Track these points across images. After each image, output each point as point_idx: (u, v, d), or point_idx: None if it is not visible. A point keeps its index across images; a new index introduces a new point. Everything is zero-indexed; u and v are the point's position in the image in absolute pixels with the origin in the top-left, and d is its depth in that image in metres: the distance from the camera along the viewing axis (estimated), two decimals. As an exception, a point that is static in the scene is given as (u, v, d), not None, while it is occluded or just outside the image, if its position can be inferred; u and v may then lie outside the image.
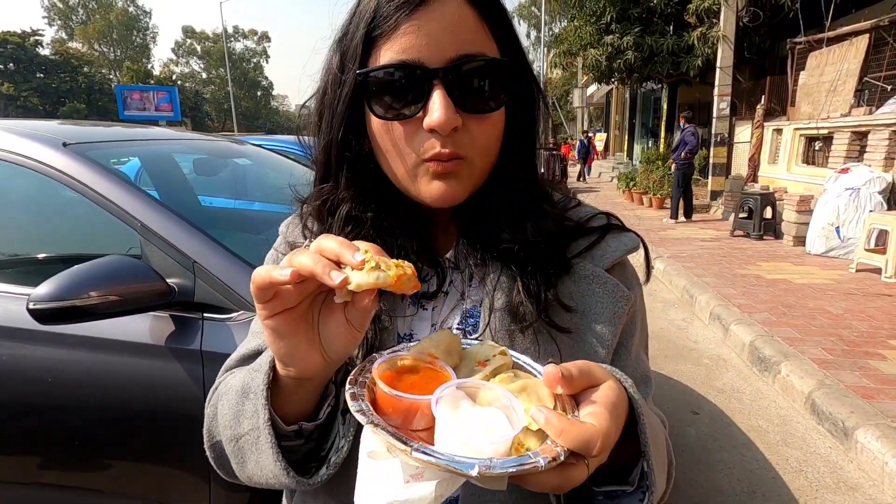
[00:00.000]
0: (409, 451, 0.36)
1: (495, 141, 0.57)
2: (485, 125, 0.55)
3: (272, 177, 2.69)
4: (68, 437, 1.41)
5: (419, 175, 0.55)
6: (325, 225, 0.63)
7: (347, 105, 0.56)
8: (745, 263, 5.86)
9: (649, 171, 11.68)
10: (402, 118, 0.53)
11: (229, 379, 0.62)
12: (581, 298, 0.60)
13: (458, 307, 0.61)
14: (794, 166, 7.95)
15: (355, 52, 0.53)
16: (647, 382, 0.65)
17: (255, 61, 60.03)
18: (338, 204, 0.62)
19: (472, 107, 0.53)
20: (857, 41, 6.94)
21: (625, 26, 10.68)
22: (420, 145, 0.53)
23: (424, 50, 0.51)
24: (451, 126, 0.51)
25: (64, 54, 42.18)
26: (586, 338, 0.59)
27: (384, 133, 0.55)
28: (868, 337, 3.62)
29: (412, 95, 0.52)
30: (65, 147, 1.55)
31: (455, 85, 0.51)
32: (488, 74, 0.53)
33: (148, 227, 1.41)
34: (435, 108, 0.51)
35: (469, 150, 0.54)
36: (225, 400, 0.59)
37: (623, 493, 0.49)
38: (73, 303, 1.20)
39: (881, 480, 2.36)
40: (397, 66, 0.51)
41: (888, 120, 6.00)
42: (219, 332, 1.35)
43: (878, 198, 5.63)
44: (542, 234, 0.60)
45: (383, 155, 0.57)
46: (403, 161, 0.55)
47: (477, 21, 0.53)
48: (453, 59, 0.51)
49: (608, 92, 22.49)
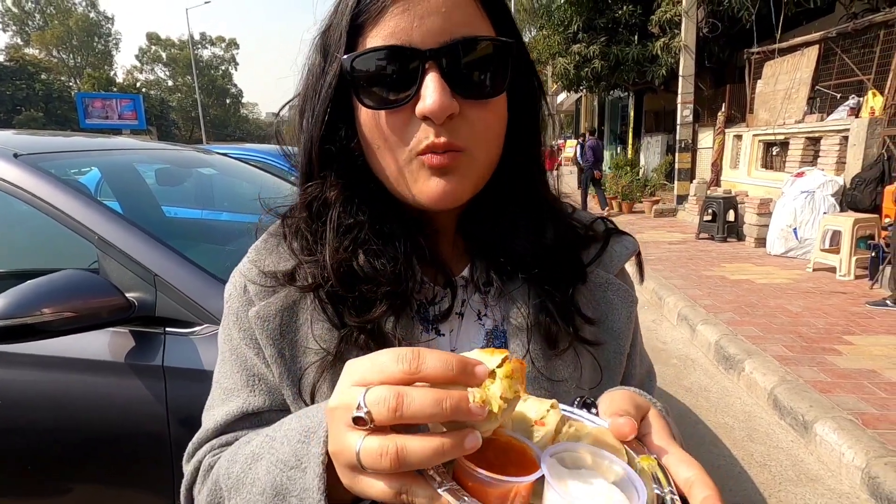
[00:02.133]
0: None
1: (498, 132, 0.52)
2: (485, 113, 0.49)
3: (239, 186, 2.64)
4: (20, 462, 1.35)
5: (413, 172, 0.50)
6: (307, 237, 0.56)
7: (331, 96, 0.51)
8: (711, 265, 6.06)
9: (618, 177, 11.97)
10: (393, 106, 0.48)
11: (232, 468, 0.49)
12: (598, 307, 0.59)
13: (478, 329, 0.57)
14: (753, 171, 8.27)
15: (339, 41, 0.49)
16: (652, 376, 0.67)
17: (223, 68, 58.97)
18: (325, 206, 0.55)
19: (470, 91, 0.48)
20: (808, 52, 7.30)
21: (591, 36, 10.98)
22: (412, 137, 0.48)
23: (415, 32, 0.46)
24: (447, 112, 0.46)
25: (20, 61, 40.55)
26: (609, 346, 0.58)
27: (373, 125, 0.49)
28: (825, 333, 3.79)
29: (403, 81, 0.47)
30: (16, 158, 1.49)
31: (450, 68, 0.47)
32: (486, 56, 0.49)
33: (105, 239, 1.37)
34: (428, 93, 0.46)
35: (468, 142, 0.49)
36: (239, 499, 0.46)
37: None
38: (25, 320, 1.15)
39: (839, 471, 2.46)
40: (385, 49, 0.47)
41: (838, 126, 6.32)
42: (182, 347, 1.31)
43: (832, 200, 5.91)
44: (562, 240, 0.58)
45: (373, 152, 0.51)
46: (395, 157, 0.50)
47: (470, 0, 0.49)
48: (446, 40, 0.47)
49: (577, 100, 22.99)
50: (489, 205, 0.56)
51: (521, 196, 0.57)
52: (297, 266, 0.55)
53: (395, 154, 0.50)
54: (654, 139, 13.28)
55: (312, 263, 0.54)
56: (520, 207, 0.57)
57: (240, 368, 0.57)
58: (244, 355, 0.57)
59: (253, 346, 0.55)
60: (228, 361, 0.58)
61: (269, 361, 0.54)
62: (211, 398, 0.60)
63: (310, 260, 0.54)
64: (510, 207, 0.57)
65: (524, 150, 0.56)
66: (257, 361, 0.56)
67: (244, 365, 0.57)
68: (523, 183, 0.57)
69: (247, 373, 0.56)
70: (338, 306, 0.53)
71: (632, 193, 11.02)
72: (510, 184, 0.56)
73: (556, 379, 0.55)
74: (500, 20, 0.51)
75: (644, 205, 10.63)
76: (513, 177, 0.56)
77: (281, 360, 0.54)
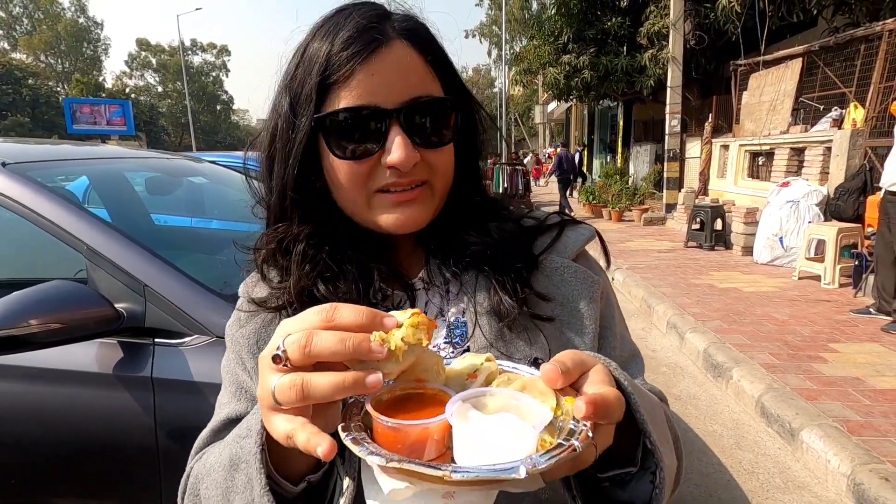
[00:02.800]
0: (446, 474, 0.34)
1: (451, 168, 0.62)
2: (440, 155, 0.59)
3: (230, 195, 2.63)
4: (4, 476, 1.32)
5: (378, 206, 0.58)
6: (281, 269, 0.63)
7: (303, 148, 0.57)
8: (699, 273, 6.13)
9: (608, 186, 12.09)
10: (362, 157, 0.56)
11: (207, 458, 0.57)
12: (556, 289, 0.63)
13: (441, 323, 0.62)
14: (740, 180, 8.41)
15: (309, 98, 0.55)
16: (637, 358, 0.69)
17: (214, 75, 58.71)
18: (293, 243, 0.61)
19: (428, 142, 0.57)
20: (792, 64, 7.46)
21: (581, 46, 11.13)
22: (377, 180, 0.57)
23: (380, 94, 0.54)
24: (412, 162, 0.55)
25: (6, 65, 40.08)
26: (570, 325, 0.62)
27: (343, 172, 0.57)
28: (810, 341, 3.84)
29: (371, 136, 0.55)
30: (4, 167, 1.48)
31: (410, 124, 0.55)
32: (438, 111, 0.58)
33: (94, 249, 1.36)
34: (395, 147, 0.54)
35: (430, 176, 0.58)
36: (209, 480, 0.53)
37: (629, 476, 0.48)
38: (11, 332, 1.13)
39: (825, 478, 2.49)
40: (357, 109, 0.54)
41: (822, 137, 6.46)
42: (171, 358, 1.30)
43: (816, 209, 6.02)
44: (507, 234, 0.64)
45: (341, 191, 0.59)
46: (362, 195, 0.58)
47: (422, 64, 0.57)
48: (406, 100, 0.55)
49: (568, 109, 23.22)
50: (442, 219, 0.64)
51: (467, 205, 0.66)
52: (269, 294, 0.63)
53: (359, 193, 0.58)
54: (643, 148, 13.45)
55: (281, 290, 0.61)
56: (466, 214, 0.65)
57: (231, 383, 0.66)
58: (234, 373, 0.66)
59: (240, 363, 0.64)
60: (225, 380, 0.67)
61: (251, 373, 0.63)
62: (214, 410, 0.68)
63: (279, 288, 0.62)
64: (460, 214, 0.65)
65: (468, 172, 0.65)
66: (244, 376, 0.64)
67: (234, 381, 0.66)
68: (468, 196, 0.66)
69: (235, 386, 0.65)
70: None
71: (617, 201, 11.09)
72: (458, 198, 0.65)
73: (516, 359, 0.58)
74: (446, 77, 0.60)
75: (633, 213, 10.73)
76: (459, 193, 0.65)
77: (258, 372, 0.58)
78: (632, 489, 0.48)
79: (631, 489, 0.48)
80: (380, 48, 0.54)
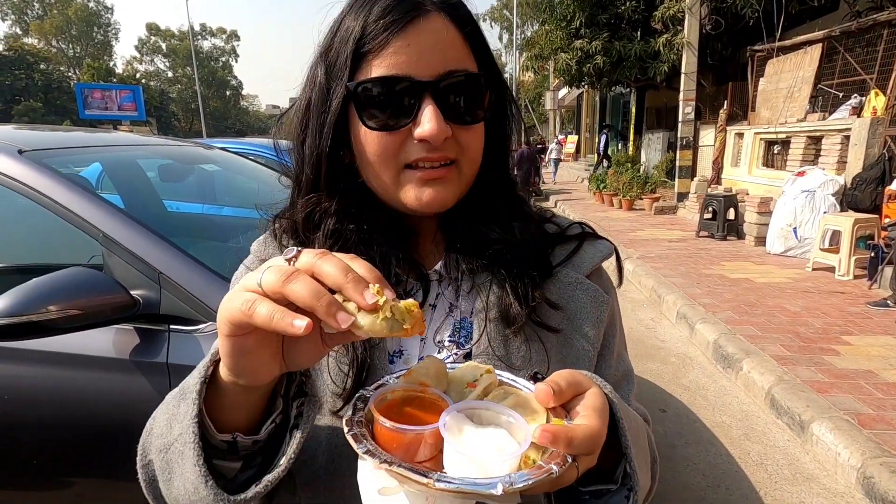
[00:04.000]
0: (430, 482, 0.37)
1: (480, 150, 0.60)
2: (471, 135, 0.58)
3: (241, 182, 2.64)
4: (26, 456, 1.36)
5: (405, 182, 0.57)
6: (306, 240, 0.62)
7: (337, 116, 0.57)
8: (710, 263, 6.07)
9: (619, 174, 11.95)
10: (393, 129, 0.55)
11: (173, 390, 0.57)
12: (566, 303, 0.63)
13: (449, 319, 0.62)
14: (754, 169, 8.27)
15: (344, 67, 0.55)
16: (630, 380, 0.69)
17: (223, 60, 58.66)
18: (322, 216, 0.61)
19: (460, 118, 0.56)
20: (811, 50, 7.28)
21: (594, 31, 10.92)
22: (406, 154, 0.56)
23: (414, 65, 0.53)
24: (443, 137, 0.54)
25: (18, 50, 40.32)
26: (574, 341, 0.62)
27: (373, 143, 0.56)
28: (822, 333, 3.81)
29: (403, 107, 0.54)
30: (21, 154, 1.50)
31: (444, 98, 0.54)
32: (473, 88, 0.57)
33: (111, 237, 1.37)
34: (426, 120, 0.53)
35: (459, 156, 0.57)
36: (163, 407, 0.54)
37: (608, 492, 0.51)
38: (31, 318, 1.16)
39: (834, 471, 2.49)
40: (389, 79, 0.53)
41: (840, 125, 6.32)
42: (186, 345, 1.32)
43: (832, 200, 5.91)
44: (529, 237, 0.64)
45: (370, 165, 0.58)
46: (390, 169, 0.57)
47: (459, 39, 0.56)
48: (441, 73, 0.54)
49: (579, 95, 22.92)
50: (465, 207, 0.63)
51: (494, 199, 0.65)
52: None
53: (390, 167, 0.57)
54: (655, 136, 13.26)
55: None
56: (493, 205, 0.64)
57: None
58: None
59: None
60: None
61: None
62: None
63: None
64: (485, 205, 0.64)
65: (497, 163, 0.64)
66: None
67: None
68: (495, 189, 0.65)
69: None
70: None
71: (628, 189, 10.93)
72: (485, 190, 0.64)
73: (516, 366, 0.59)
74: (483, 58, 0.59)
75: (644, 202, 10.62)
76: (487, 184, 0.64)
77: None
78: (606, 500, 0.51)
79: (606, 500, 0.51)
80: (417, 19, 0.53)
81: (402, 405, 0.45)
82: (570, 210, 11.10)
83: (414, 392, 0.46)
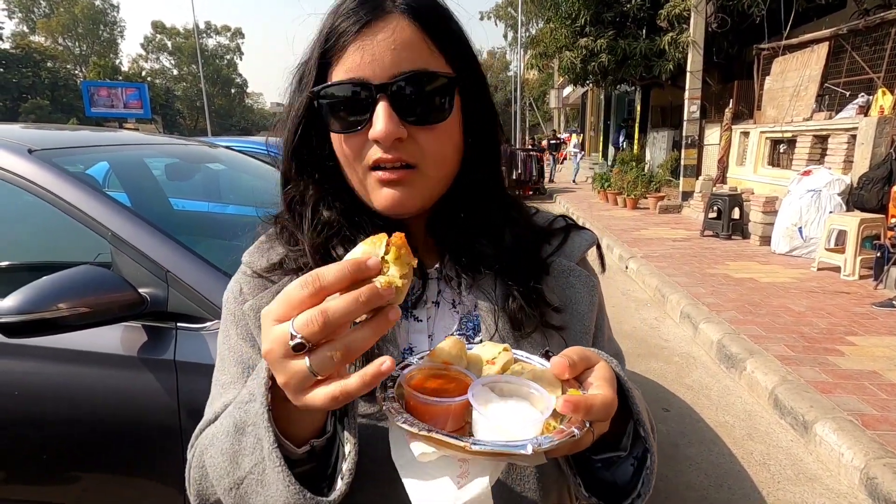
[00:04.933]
0: (467, 445, 0.40)
1: (450, 151, 0.60)
2: (433, 135, 0.57)
3: (246, 180, 2.66)
4: (36, 452, 1.38)
5: (370, 183, 0.59)
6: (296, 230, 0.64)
7: (302, 118, 0.60)
8: (715, 263, 6.05)
9: (623, 172, 11.91)
10: (351, 131, 0.57)
11: (211, 430, 0.56)
12: (562, 293, 0.66)
13: (453, 315, 0.64)
14: (760, 168, 8.23)
15: (311, 73, 0.58)
16: (622, 361, 0.73)
17: (228, 58, 58.76)
18: (302, 203, 0.64)
19: (417, 118, 0.56)
20: (818, 48, 7.23)
21: (599, 29, 10.88)
22: (368, 156, 0.57)
23: (368, 68, 0.54)
24: (393, 137, 0.54)
25: (26, 48, 40.55)
26: (574, 328, 0.66)
27: (339, 145, 0.59)
28: (827, 333, 3.80)
29: (359, 110, 0.56)
30: (30, 154, 1.52)
31: (399, 98, 0.55)
32: (432, 87, 0.56)
33: (119, 236, 1.39)
34: (378, 121, 0.54)
35: (419, 160, 0.57)
36: (214, 449, 0.53)
37: (618, 459, 0.55)
38: (42, 315, 1.18)
39: (837, 471, 2.48)
40: (343, 84, 0.55)
41: (846, 124, 6.28)
42: (193, 342, 1.34)
43: (838, 199, 5.88)
44: (521, 241, 0.65)
45: (344, 166, 0.61)
46: (357, 171, 0.59)
47: (420, 37, 0.56)
48: (395, 74, 0.54)
49: (584, 93, 22.83)
50: (452, 213, 0.64)
51: (481, 205, 0.65)
52: (285, 256, 0.64)
53: (354, 167, 0.59)
54: (660, 135, 13.21)
55: (296, 252, 0.63)
56: (479, 215, 0.65)
57: (236, 363, 0.63)
58: (239, 350, 0.63)
59: (248, 339, 0.62)
60: (226, 359, 0.64)
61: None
62: (211, 396, 0.65)
63: (295, 249, 0.64)
64: (470, 215, 0.64)
65: (481, 166, 0.64)
66: (252, 353, 0.62)
67: (240, 359, 0.63)
68: (481, 194, 0.65)
69: (242, 365, 0.62)
70: None
71: (632, 188, 10.89)
72: (470, 195, 0.64)
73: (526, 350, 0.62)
74: (454, 54, 0.58)
75: (649, 201, 10.58)
76: (472, 189, 0.64)
77: None
78: (615, 470, 0.56)
79: (614, 470, 0.56)
80: (373, 22, 0.54)
81: (429, 381, 0.48)
82: (574, 209, 11.08)
83: (438, 370, 0.49)
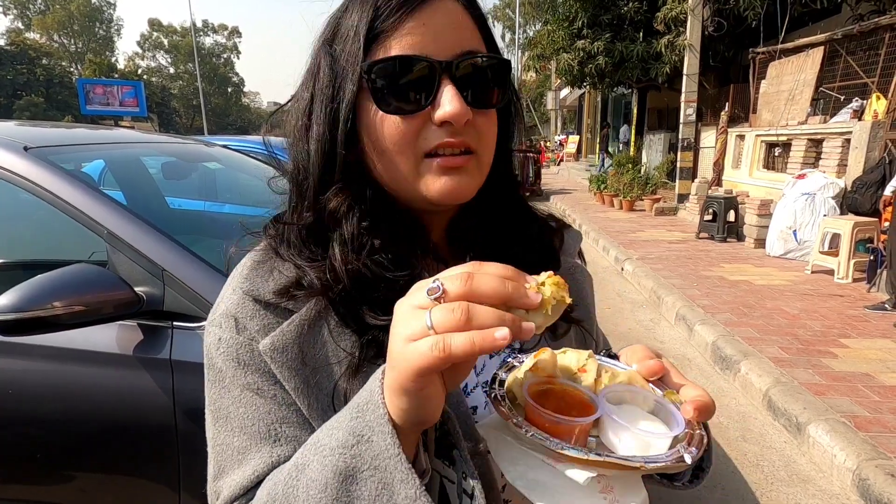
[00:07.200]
0: (642, 465, 0.40)
1: (495, 139, 0.58)
2: (488, 121, 0.55)
3: (243, 179, 2.66)
4: (29, 451, 1.37)
5: (425, 172, 0.53)
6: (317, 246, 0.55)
7: (353, 100, 0.52)
8: (710, 265, 6.08)
9: (620, 174, 11.95)
10: (411, 113, 0.51)
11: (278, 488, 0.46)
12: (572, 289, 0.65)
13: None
14: (755, 171, 8.28)
15: (355, 49, 0.51)
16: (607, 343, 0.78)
17: (225, 57, 58.62)
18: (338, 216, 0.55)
19: (479, 101, 0.53)
20: (813, 53, 7.28)
21: (596, 32, 10.91)
22: (426, 140, 0.52)
23: (430, 46, 0.51)
24: (465, 117, 0.51)
25: (20, 45, 40.30)
26: (586, 322, 0.68)
27: (391, 129, 0.52)
28: (821, 336, 3.82)
29: (420, 89, 0.51)
30: (26, 151, 1.51)
31: (462, 78, 0.52)
32: (491, 70, 0.55)
33: (115, 234, 1.39)
34: (447, 101, 0.50)
35: (478, 145, 0.54)
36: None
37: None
38: (37, 314, 1.17)
39: (830, 472, 2.50)
40: (406, 59, 0.50)
41: (841, 128, 6.32)
42: (189, 341, 1.34)
43: (832, 203, 5.92)
44: (541, 235, 0.67)
45: (385, 155, 0.53)
46: (408, 159, 0.53)
47: (472, 23, 0.55)
48: (459, 53, 0.52)
49: (581, 95, 22.90)
50: (478, 209, 0.61)
51: (506, 202, 0.63)
52: (302, 274, 0.54)
53: (406, 155, 0.52)
54: (656, 137, 13.26)
55: (318, 269, 0.54)
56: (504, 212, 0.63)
57: (253, 421, 0.52)
58: (254, 405, 0.53)
59: (269, 387, 0.52)
60: (233, 418, 0.53)
61: (294, 395, 0.52)
62: (217, 465, 0.54)
63: (315, 266, 0.54)
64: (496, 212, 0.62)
65: (505, 157, 0.62)
66: (273, 405, 0.52)
67: (256, 415, 0.52)
68: (505, 187, 0.63)
69: (263, 423, 0.52)
70: (357, 312, 0.53)
71: (629, 190, 10.91)
72: (497, 190, 0.61)
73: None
74: (491, 43, 0.57)
75: (645, 203, 10.61)
76: (496, 182, 0.61)
77: (307, 390, 0.52)
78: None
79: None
80: (427, 1, 0.51)
81: (542, 397, 0.46)
82: (570, 211, 11.11)
83: (545, 385, 0.47)
